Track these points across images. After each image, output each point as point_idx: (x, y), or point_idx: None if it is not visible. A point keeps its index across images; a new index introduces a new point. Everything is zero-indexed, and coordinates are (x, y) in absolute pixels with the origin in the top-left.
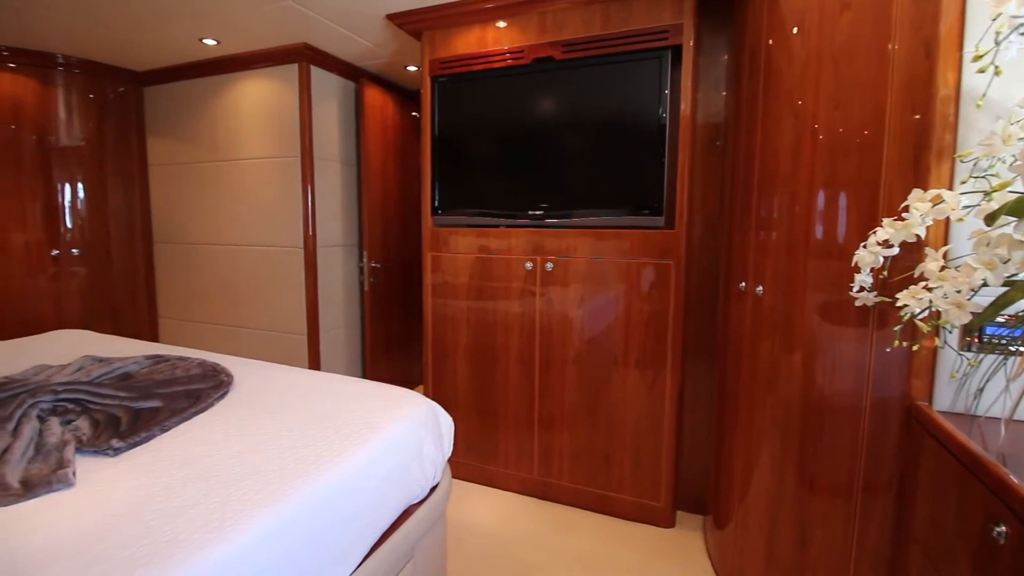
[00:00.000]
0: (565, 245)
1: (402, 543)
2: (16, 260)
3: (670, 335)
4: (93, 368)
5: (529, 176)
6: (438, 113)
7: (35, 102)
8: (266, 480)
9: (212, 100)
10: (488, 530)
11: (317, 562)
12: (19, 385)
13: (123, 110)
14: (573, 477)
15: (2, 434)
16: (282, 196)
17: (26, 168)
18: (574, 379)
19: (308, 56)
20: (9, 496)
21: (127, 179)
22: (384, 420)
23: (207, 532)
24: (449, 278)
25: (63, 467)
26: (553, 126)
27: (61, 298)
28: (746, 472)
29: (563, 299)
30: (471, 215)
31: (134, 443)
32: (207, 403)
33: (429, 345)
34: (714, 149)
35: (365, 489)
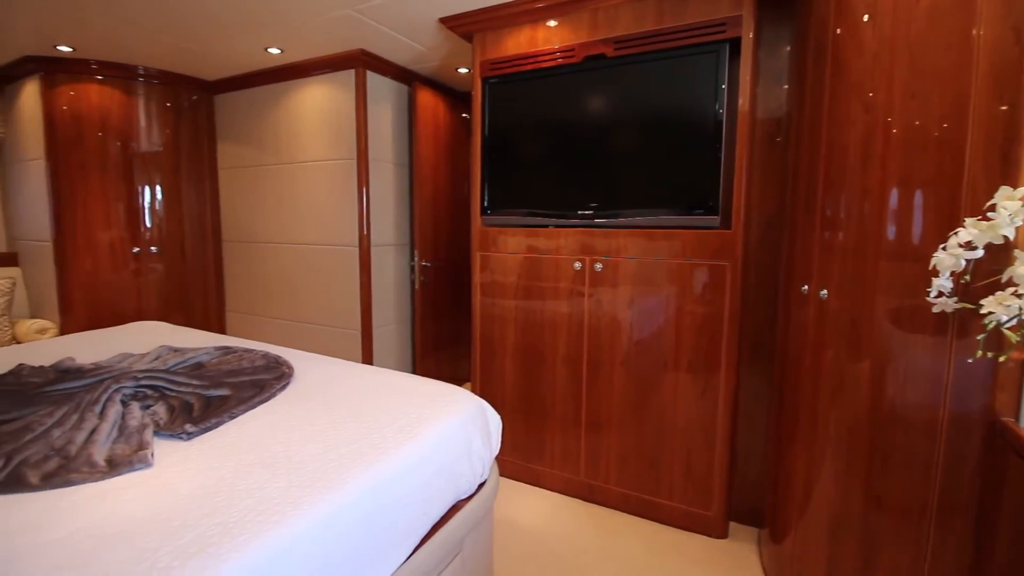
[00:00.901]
0: (615, 245)
1: (451, 536)
2: (103, 257)
3: (725, 339)
4: (169, 357)
5: (579, 176)
6: (488, 114)
7: (119, 111)
8: (324, 469)
9: (275, 106)
10: (534, 529)
11: (372, 549)
12: (105, 371)
13: (196, 117)
14: (620, 481)
15: (90, 416)
16: (339, 197)
17: (111, 172)
18: (622, 381)
19: (364, 61)
20: (96, 473)
21: (199, 182)
22: (435, 416)
23: (270, 515)
24: (498, 277)
25: (143, 448)
26: (603, 125)
27: (141, 292)
28: (807, 485)
29: (612, 300)
30: (520, 215)
31: (205, 428)
32: (270, 393)
33: (477, 343)
34: (774, 145)
35: (416, 481)
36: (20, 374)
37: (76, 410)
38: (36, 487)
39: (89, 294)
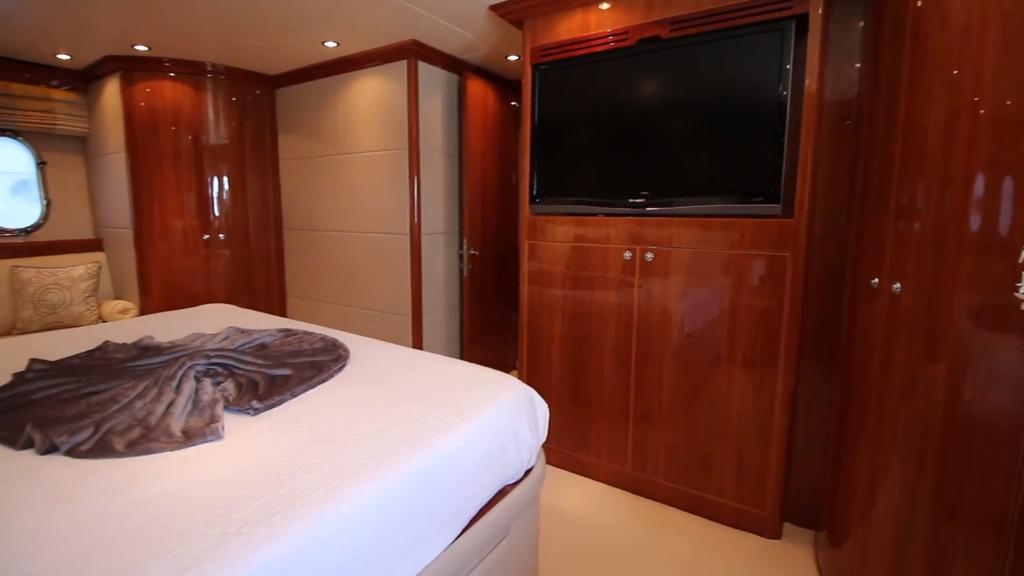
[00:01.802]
0: (667, 235)
1: (498, 520)
2: (176, 243)
3: (784, 334)
4: (236, 338)
5: (630, 163)
6: (538, 101)
7: (190, 106)
8: (379, 448)
9: (332, 99)
10: (579, 518)
11: (422, 528)
12: (180, 350)
13: (259, 111)
14: (669, 475)
15: (168, 390)
16: (391, 186)
17: (183, 164)
18: (673, 374)
19: (416, 52)
20: (173, 443)
21: (262, 172)
22: (484, 401)
23: (329, 489)
24: (546, 267)
25: (215, 422)
26: (657, 110)
27: (210, 276)
28: (870, 490)
29: (663, 291)
30: (569, 203)
31: (270, 405)
32: (328, 374)
33: (525, 332)
34: (843, 129)
35: (465, 464)
36: (106, 350)
37: (155, 384)
38: (121, 453)
39: (164, 277)
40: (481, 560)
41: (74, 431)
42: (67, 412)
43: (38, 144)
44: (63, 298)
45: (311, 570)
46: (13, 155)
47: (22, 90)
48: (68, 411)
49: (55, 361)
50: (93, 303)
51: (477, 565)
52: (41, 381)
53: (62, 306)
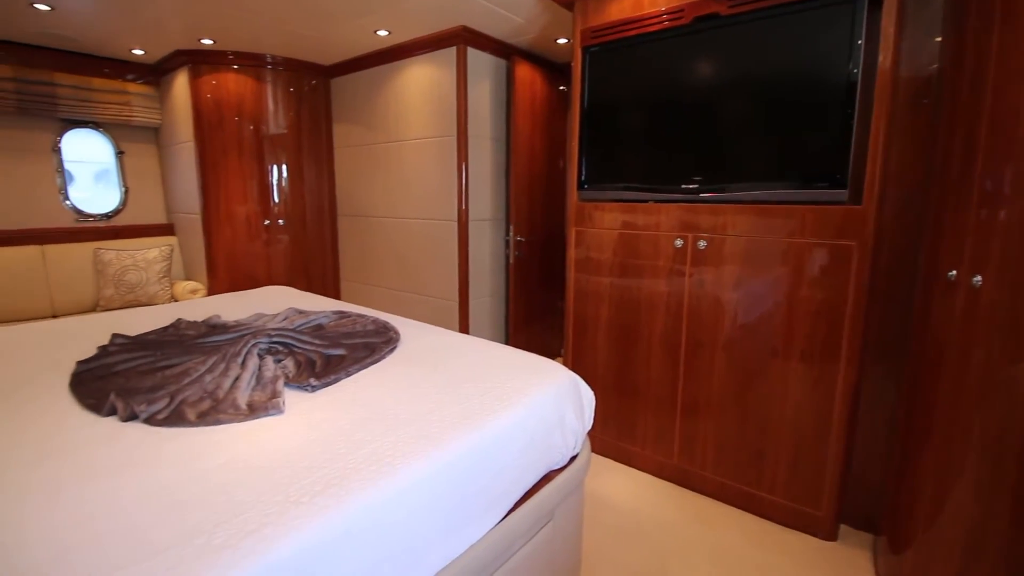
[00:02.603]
0: (721, 222)
1: (542, 504)
2: (240, 228)
3: (847, 328)
4: (295, 318)
5: (683, 147)
6: (588, 84)
7: (252, 97)
8: (428, 428)
9: (383, 87)
10: (624, 508)
11: (469, 508)
12: (245, 328)
13: (315, 100)
14: (717, 469)
15: (234, 366)
16: (440, 173)
17: (246, 153)
18: (724, 366)
19: (465, 38)
20: (239, 415)
21: (318, 161)
22: (530, 386)
23: (381, 465)
24: (593, 254)
25: (276, 396)
26: (713, 91)
27: (270, 259)
28: (938, 495)
29: (716, 280)
30: (618, 189)
31: (326, 383)
32: (380, 356)
33: (571, 319)
34: (920, 108)
35: (511, 448)
36: (179, 327)
37: (223, 360)
38: (193, 423)
39: (229, 260)
40: (526, 542)
41: (152, 401)
42: (145, 383)
43: (117, 135)
44: (140, 278)
45: (365, 541)
46: (95, 145)
47: (102, 84)
48: (146, 382)
49: (134, 336)
50: (166, 283)
51: (521, 547)
52: (122, 354)
53: (139, 286)
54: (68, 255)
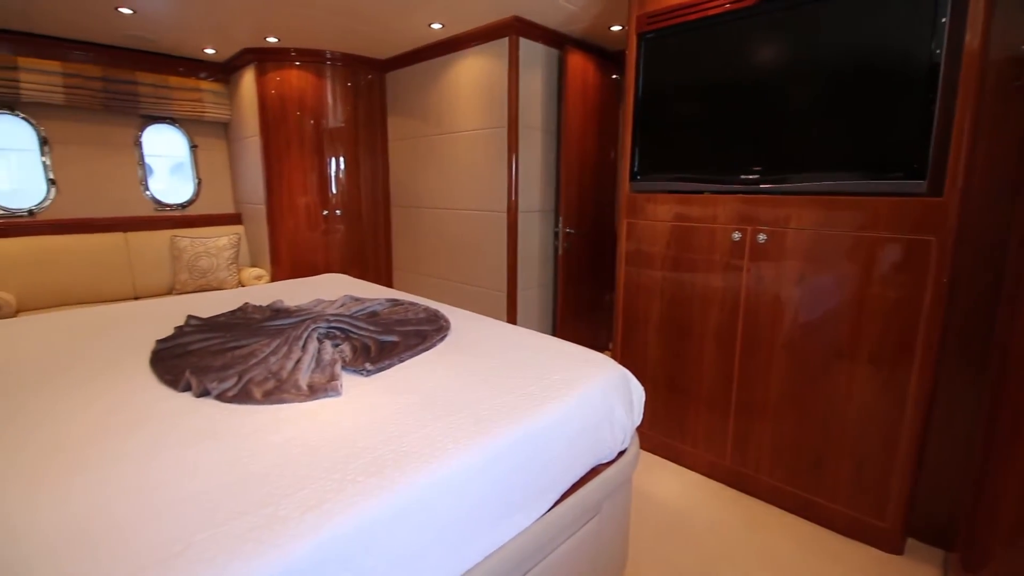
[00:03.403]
0: (783, 214)
1: (590, 497)
2: (301, 218)
3: (922, 329)
4: (351, 305)
5: (743, 136)
6: (643, 72)
7: (313, 92)
8: (479, 416)
9: (436, 80)
10: (672, 506)
11: (517, 495)
12: (305, 313)
13: (371, 94)
14: (773, 472)
15: (296, 349)
16: (490, 164)
17: (307, 146)
18: (783, 366)
19: (517, 28)
20: (301, 395)
21: (373, 153)
22: (579, 379)
23: (433, 450)
24: (644, 247)
25: (335, 379)
26: (777, 76)
27: (328, 248)
28: (1022, 511)
29: (776, 276)
30: (672, 180)
31: (380, 368)
32: (431, 343)
33: (620, 313)
34: (1012, 92)
35: (560, 439)
36: (245, 311)
37: (286, 343)
38: (259, 401)
39: (291, 248)
40: (572, 534)
41: (222, 379)
42: (216, 362)
43: (191, 130)
44: (211, 264)
45: (416, 522)
46: (172, 140)
47: (178, 82)
48: (217, 361)
49: (206, 318)
50: (234, 269)
51: (568, 539)
52: (196, 335)
53: (210, 271)
54: (148, 242)
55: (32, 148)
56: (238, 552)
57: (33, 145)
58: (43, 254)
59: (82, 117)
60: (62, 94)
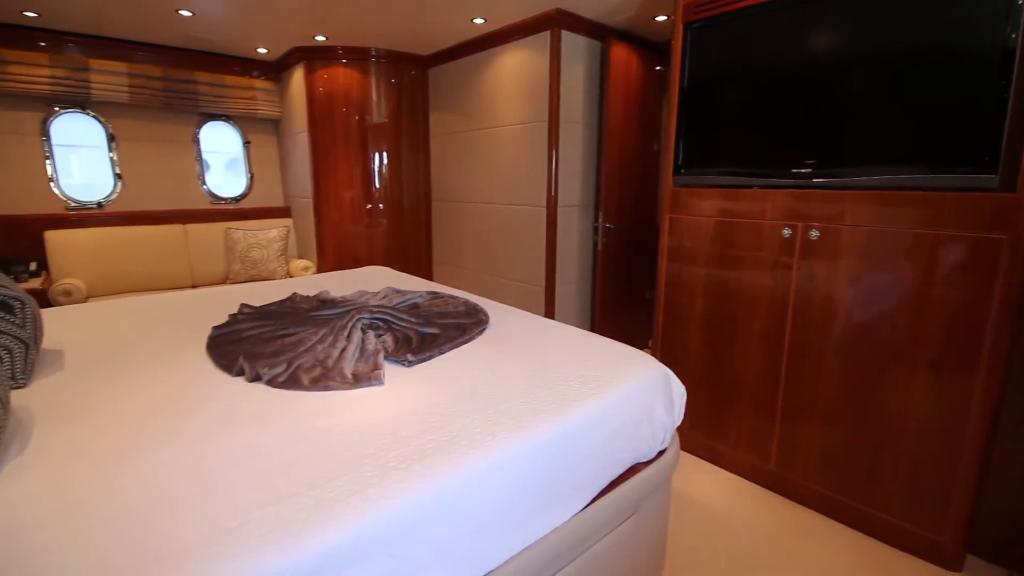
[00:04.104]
0: (837, 210)
1: (628, 495)
2: (345, 212)
3: (989, 335)
4: (393, 297)
5: (795, 128)
6: (689, 63)
7: (358, 89)
8: (517, 409)
9: (477, 75)
10: (713, 509)
11: (554, 490)
12: (350, 304)
13: (414, 90)
14: (821, 479)
15: (341, 338)
16: (530, 159)
17: (352, 142)
18: (835, 369)
19: (559, 21)
20: (346, 383)
21: (415, 148)
22: (619, 376)
23: (472, 441)
24: (688, 243)
25: (378, 368)
26: (834, 63)
27: (370, 241)
28: None
29: (829, 275)
30: (718, 174)
31: (421, 359)
32: (470, 336)
33: (661, 310)
34: None
35: (599, 435)
36: (294, 300)
37: (331, 332)
38: (307, 388)
39: (336, 241)
40: (609, 532)
41: (273, 365)
42: (267, 349)
43: (244, 127)
44: (262, 255)
45: (454, 511)
46: (227, 137)
47: (233, 81)
48: (268, 348)
49: (258, 307)
50: (283, 260)
51: (604, 536)
52: (249, 322)
53: (261, 262)
54: (205, 234)
55: (101, 145)
56: (288, 530)
57: (102, 142)
58: (110, 244)
59: (145, 115)
60: (127, 93)
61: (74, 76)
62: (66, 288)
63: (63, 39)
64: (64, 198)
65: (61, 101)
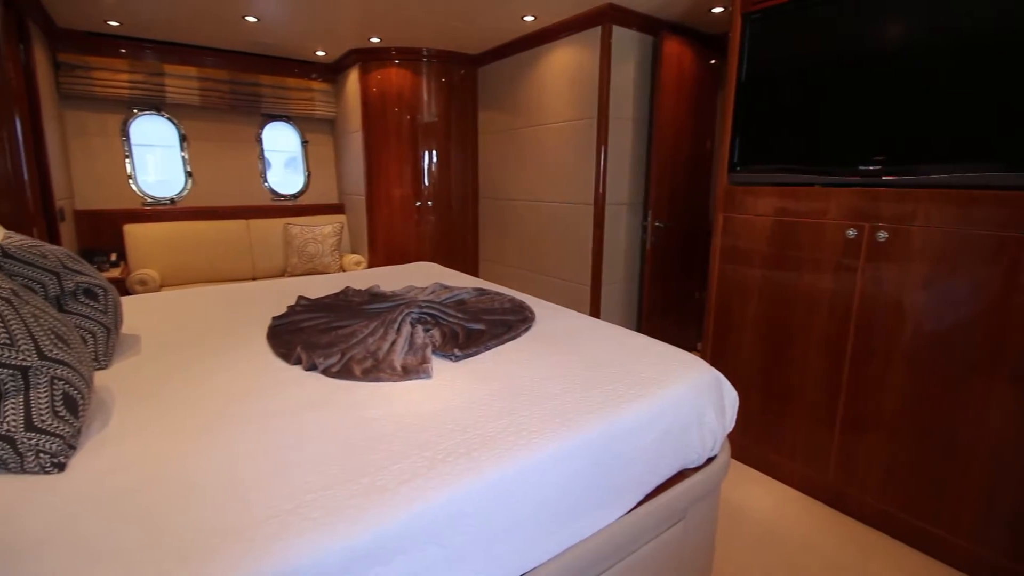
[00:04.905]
0: (908, 210)
1: (675, 501)
2: (396, 209)
3: None
4: (441, 293)
5: (862, 122)
6: (747, 55)
7: (409, 88)
8: (563, 408)
9: (526, 73)
10: (764, 521)
11: (599, 491)
12: (400, 299)
13: (463, 89)
14: (883, 496)
15: (391, 331)
16: (578, 156)
17: (403, 140)
18: (902, 379)
19: (611, 16)
20: (395, 375)
21: (463, 146)
22: (668, 378)
23: (518, 438)
24: (742, 243)
25: (426, 362)
26: (908, 52)
27: (419, 238)
28: None
29: (898, 279)
30: (776, 172)
31: (468, 354)
32: (516, 333)
33: (712, 312)
34: None
35: (646, 438)
36: (347, 294)
37: (382, 325)
38: (359, 378)
39: (386, 237)
40: (653, 538)
41: (327, 355)
42: (322, 340)
43: (303, 126)
44: (318, 250)
45: (499, 506)
46: (286, 136)
47: (293, 83)
48: (323, 339)
49: (314, 299)
50: (337, 255)
51: (649, 542)
52: (305, 314)
53: (317, 257)
54: (266, 229)
55: (174, 144)
56: (342, 515)
57: (175, 141)
58: (181, 237)
59: (213, 116)
60: (198, 96)
61: (151, 80)
62: (142, 278)
63: (141, 46)
64: (141, 194)
65: (139, 104)
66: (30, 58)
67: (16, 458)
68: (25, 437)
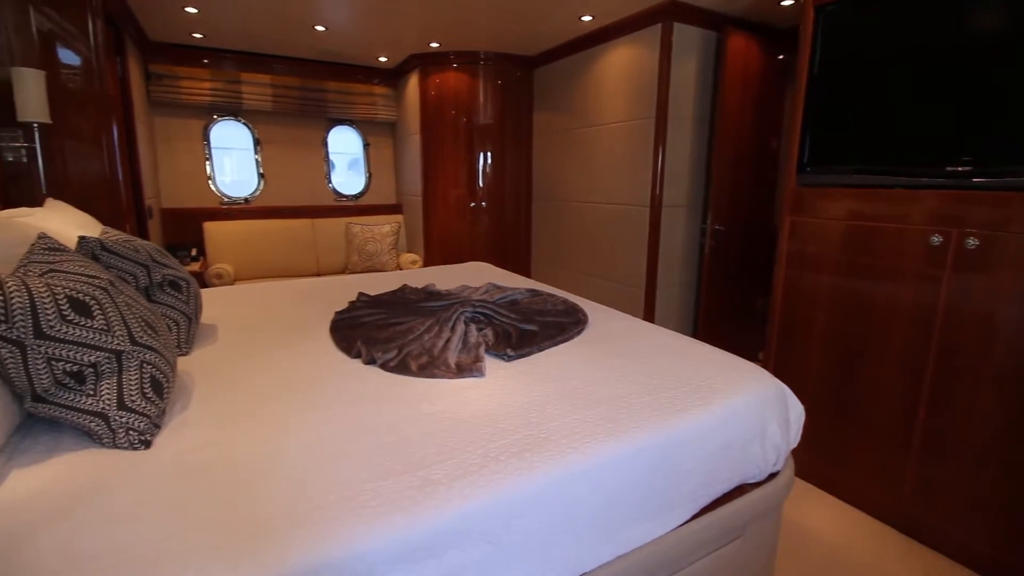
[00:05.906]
0: (1002, 215)
1: (733, 517)
2: (451, 209)
3: None
4: (494, 293)
5: (948, 119)
6: (820, 49)
7: (466, 91)
8: (616, 413)
9: (582, 74)
10: (829, 543)
11: (653, 500)
12: (454, 298)
13: (519, 91)
14: (968, 529)
15: (445, 329)
16: (634, 157)
17: (460, 142)
18: (991, 401)
19: (672, 12)
20: (449, 372)
21: (518, 148)
22: (729, 388)
23: (571, 441)
24: (811, 248)
25: (479, 361)
26: (1002, 41)
27: (473, 238)
28: None
29: (989, 290)
30: (851, 172)
31: (520, 355)
32: (569, 335)
33: (776, 320)
34: None
35: (703, 450)
36: (404, 292)
37: (437, 323)
38: (415, 374)
39: (441, 237)
40: (710, 553)
41: (386, 350)
42: (381, 335)
43: (365, 130)
44: (376, 249)
45: (551, 509)
46: (349, 139)
47: (357, 88)
48: (382, 335)
49: (373, 296)
50: (394, 254)
51: (705, 556)
52: (366, 309)
53: (376, 255)
54: (329, 227)
55: (249, 148)
56: (398, 505)
57: (249, 145)
58: (253, 235)
59: (283, 121)
60: (270, 102)
61: (229, 88)
62: (218, 271)
63: (221, 56)
64: (219, 194)
65: (219, 110)
66: (125, 69)
67: (109, 434)
68: (117, 415)
